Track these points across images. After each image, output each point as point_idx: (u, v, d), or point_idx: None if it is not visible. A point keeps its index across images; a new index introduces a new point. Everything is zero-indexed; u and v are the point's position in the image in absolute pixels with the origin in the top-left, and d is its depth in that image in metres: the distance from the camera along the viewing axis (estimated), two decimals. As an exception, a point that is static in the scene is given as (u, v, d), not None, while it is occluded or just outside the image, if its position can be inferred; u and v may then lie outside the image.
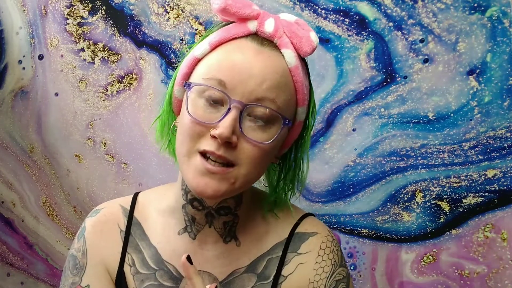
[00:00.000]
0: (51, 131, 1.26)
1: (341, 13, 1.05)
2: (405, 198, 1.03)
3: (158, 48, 1.17)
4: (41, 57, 1.26)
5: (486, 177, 0.98)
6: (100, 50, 1.21)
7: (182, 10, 1.15)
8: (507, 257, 0.97)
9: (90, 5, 1.21)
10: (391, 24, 1.02)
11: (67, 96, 1.24)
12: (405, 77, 1.02)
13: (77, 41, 1.23)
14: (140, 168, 1.20)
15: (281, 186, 0.72)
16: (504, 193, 0.97)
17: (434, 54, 1.00)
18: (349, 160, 1.06)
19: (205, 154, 0.60)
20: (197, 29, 1.14)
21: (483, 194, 0.98)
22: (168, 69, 1.17)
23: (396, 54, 1.02)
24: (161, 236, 0.70)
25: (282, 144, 0.67)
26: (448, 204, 1.00)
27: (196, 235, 0.69)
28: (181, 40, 1.16)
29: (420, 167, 1.02)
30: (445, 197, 1.01)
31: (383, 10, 1.02)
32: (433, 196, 1.01)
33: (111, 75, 1.21)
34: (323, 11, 1.06)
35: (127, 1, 1.19)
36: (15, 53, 1.28)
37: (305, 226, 0.71)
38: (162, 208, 0.72)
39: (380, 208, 1.04)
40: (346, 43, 1.05)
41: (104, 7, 1.20)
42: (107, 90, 1.21)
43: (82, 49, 1.22)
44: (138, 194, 0.76)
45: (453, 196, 1.00)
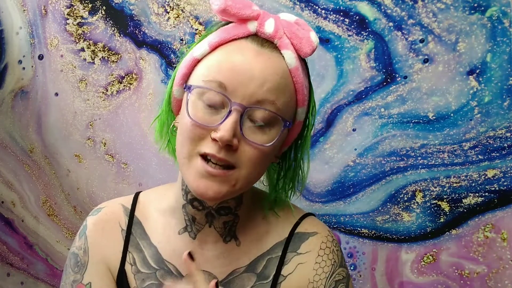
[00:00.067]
0: (51, 131, 1.26)
1: (341, 13, 1.05)
2: (405, 198, 1.03)
3: (158, 48, 1.17)
4: (41, 57, 1.26)
5: (486, 177, 0.98)
6: (100, 50, 1.21)
7: (182, 10, 1.15)
8: (507, 257, 0.97)
9: (90, 5, 1.21)
10: (391, 24, 1.02)
11: (67, 96, 1.24)
12: (405, 77, 1.02)
13: (77, 41, 1.23)
14: (140, 168, 1.20)
15: (281, 185, 0.72)
16: (504, 193, 0.97)
17: (434, 54, 1.00)
18: (349, 160, 1.06)
19: (205, 156, 0.60)
20: (197, 29, 1.14)
21: (483, 194, 0.98)
22: (168, 69, 1.17)
23: (396, 54, 1.02)
24: (162, 236, 0.70)
25: (282, 144, 0.67)
26: (448, 204, 1.00)
27: (196, 235, 0.69)
28: (181, 40, 1.16)
29: (420, 167, 1.02)
30: (445, 197, 1.01)
31: (383, 10, 1.02)
32: (433, 196, 1.01)
33: (111, 75, 1.21)
34: (323, 11, 1.06)
35: (127, 1, 1.19)
36: (15, 53, 1.28)
37: (305, 226, 0.71)
38: (162, 208, 0.72)
39: (380, 208, 1.04)
40: (346, 43, 1.05)
41: (104, 7, 1.20)
42: (107, 90, 1.21)
43: (82, 49, 1.22)
44: (139, 193, 0.76)
45: (453, 196, 1.00)
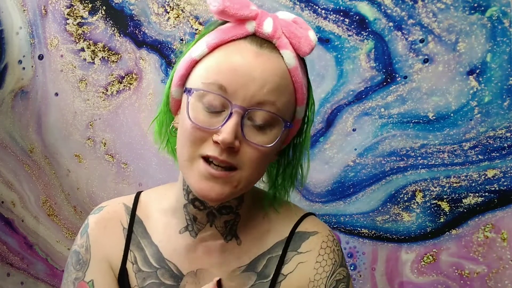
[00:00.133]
0: (51, 131, 1.26)
1: (341, 13, 1.05)
2: (405, 198, 1.03)
3: (158, 48, 1.17)
4: (41, 57, 1.26)
5: (486, 177, 0.98)
6: (100, 50, 1.21)
7: (182, 10, 1.15)
8: (507, 257, 0.97)
9: (90, 5, 1.21)
10: (391, 24, 1.02)
11: (67, 96, 1.24)
12: (405, 77, 1.02)
13: (77, 41, 1.23)
14: (140, 168, 1.20)
15: (280, 181, 0.72)
16: (504, 193, 0.97)
17: (434, 54, 1.00)
18: (349, 160, 1.06)
19: (207, 158, 0.60)
20: (197, 29, 1.14)
21: (483, 194, 0.98)
22: (168, 69, 1.17)
23: (396, 54, 1.02)
24: (163, 235, 0.70)
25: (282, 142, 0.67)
26: (448, 204, 1.00)
27: (197, 234, 0.69)
28: (181, 40, 1.16)
29: (420, 167, 1.02)
30: (445, 197, 1.01)
31: (383, 10, 1.02)
32: (433, 196, 1.01)
33: (111, 75, 1.21)
34: (323, 11, 1.06)
35: (127, 1, 1.19)
36: (15, 53, 1.28)
37: (305, 225, 0.71)
38: (163, 208, 0.72)
39: (380, 208, 1.04)
40: (346, 43, 1.05)
41: (104, 7, 1.20)
42: (107, 90, 1.21)
43: (82, 49, 1.22)
44: (140, 193, 0.76)
45: (453, 196, 1.00)
